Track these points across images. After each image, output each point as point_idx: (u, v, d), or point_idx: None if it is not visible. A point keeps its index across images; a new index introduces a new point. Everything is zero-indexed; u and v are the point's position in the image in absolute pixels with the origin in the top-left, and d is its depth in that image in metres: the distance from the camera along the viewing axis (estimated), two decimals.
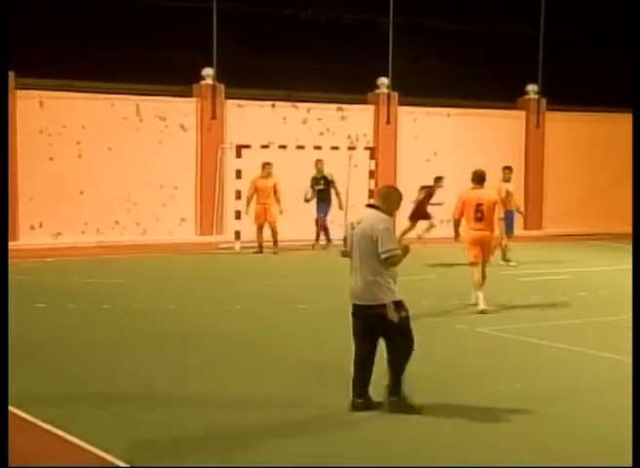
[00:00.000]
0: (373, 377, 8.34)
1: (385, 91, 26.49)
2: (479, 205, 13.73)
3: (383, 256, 8.11)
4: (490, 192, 14.30)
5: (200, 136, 24.25)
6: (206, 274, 17.93)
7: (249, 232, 21.81)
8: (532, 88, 29.09)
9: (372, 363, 8.35)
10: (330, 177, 22.06)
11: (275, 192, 21.04)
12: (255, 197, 21.13)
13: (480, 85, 27.58)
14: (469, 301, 13.90)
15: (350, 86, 25.78)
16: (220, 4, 24.60)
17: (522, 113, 28.99)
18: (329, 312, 12.89)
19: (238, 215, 21.90)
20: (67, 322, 12.46)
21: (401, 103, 26.73)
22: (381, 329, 8.25)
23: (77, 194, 22.61)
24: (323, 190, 21.98)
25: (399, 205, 8.70)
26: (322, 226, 22.08)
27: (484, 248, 13.84)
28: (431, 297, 14.70)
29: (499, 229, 14.19)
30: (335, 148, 23.66)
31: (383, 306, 8.18)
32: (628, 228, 29.37)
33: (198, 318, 12.88)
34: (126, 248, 21.40)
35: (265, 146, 22.80)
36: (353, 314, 8.43)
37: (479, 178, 13.96)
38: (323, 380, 9.34)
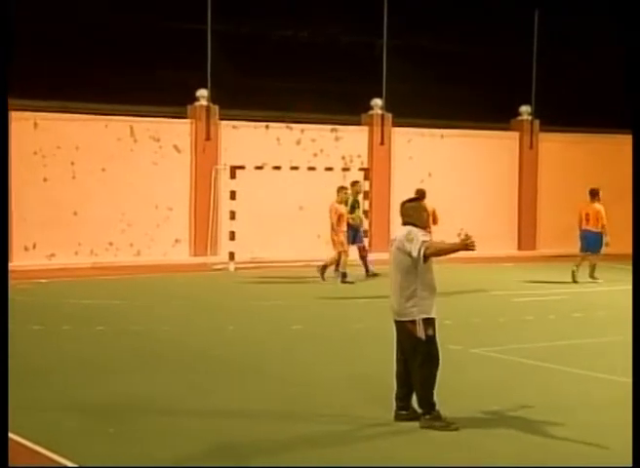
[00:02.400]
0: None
1: (379, 112, 26.55)
2: None
3: (414, 255, 8.30)
4: None
5: (194, 157, 24.27)
6: (200, 295, 17.90)
7: (243, 253, 21.85)
8: (525, 109, 29.17)
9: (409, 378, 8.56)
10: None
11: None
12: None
13: (474, 106, 27.71)
14: None
15: (344, 107, 25.87)
16: (215, 26, 24.67)
17: (516, 134, 29.07)
18: (321, 334, 12.91)
19: (232, 236, 21.91)
20: (62, 343, 12.44)
21: (395, 124, 26.79)
22: (409, 345, 8.45)
23: (71, 215, 22.59)
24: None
25: (428, 215, 9.07)
26: (364, 255, 20.73)
27: None
28: None
29: None
30: (329, 169, 23.71)
31: (413, 322, 8.38)
32: (625, 249, 29.50)
33: (190, 338, 12.87)
34: (120, 269, 21.38)
35: (260, 167, 22.84)
36: (396, 330, 8.65)
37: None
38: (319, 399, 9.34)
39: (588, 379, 10.70)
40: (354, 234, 20.47)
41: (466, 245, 8.69)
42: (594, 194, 21.50)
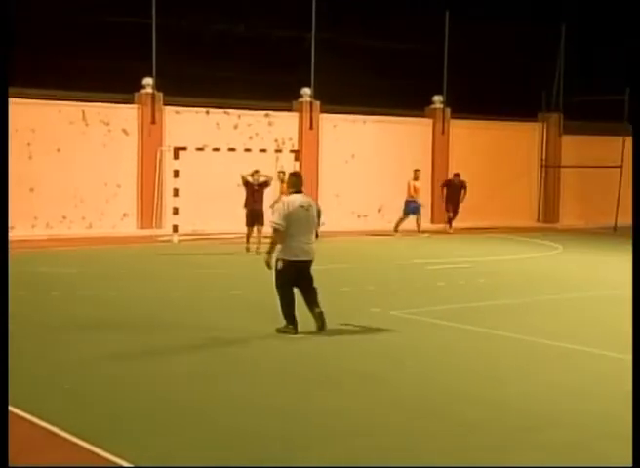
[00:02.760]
0: None
1: (308, 99, 26.48)
2: None
3: (323, 221, 11.04)
4: None
5: (141, 140, 23.99)
6: (146, 264, 17.73)
7: (185, 226, 21.71)
8: (438, 99, 29.36)
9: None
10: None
11: None
12: None
13: (393, 95, 27.76)
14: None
15: (277, 95, 25.74)
16: (159, 20, 24.35)
17: (429, 121, 29.23)
18: (256, 299, 12.88)
19: (176, 211, 21.70)
20: (19, 308, 12.21)
21: (322, 111, 26.77)
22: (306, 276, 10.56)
23: (28, 191, 22.19)
24: None
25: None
26: None
27: None
28: (349, 284, 14.78)
29: None
30: (263, 151, 23.59)
31: (311, 261, 10.58)
32: (525, 222, 29.97)
33: (137, 303, 12.75)
34: (73, 240, 21.08)
35: (200, 149, 22.61)
36: (296, 268, 10.45)
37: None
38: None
39: (489, 336, 10.83)
40: None
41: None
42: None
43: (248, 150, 23.41)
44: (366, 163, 27.22)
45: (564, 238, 25.14)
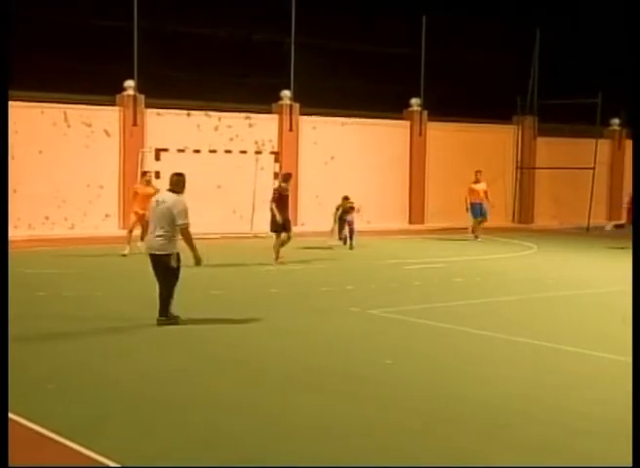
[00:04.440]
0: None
1: (288, 102, 26.52)
2: None
3: (179, 222, 10.87)
4: None
5: (122, 141, 23.96)
6: (128, 264, 17.69)
7: None
8: (415, 101, 29.47)
9: None
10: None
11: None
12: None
13: (371, 98, 27.86)
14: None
15: (257, 97, 25.77)
16: (142, 22, 24.34)
17: (407, 123, 29.34)
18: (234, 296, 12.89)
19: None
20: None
21: (302, 113, 26.81)
22: (163, 270, 10.77)
23: (11, 192, 21.99)
24: None
25: (184, 185, 11.40)
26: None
27: None
28: (328, 284, 14.84)
29: None
30: (243, 152, 23.66)
31: (169, 255, 10.72)
32: (501, 223, 30.05)
33: (117, 303, 12.75)
34: (56, 241, 21.02)
35: (182, 150, 22.64)
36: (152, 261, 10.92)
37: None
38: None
39: (466, 334, 10.92)
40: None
41: (198, 260, 10.97)
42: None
43: (228, 152, 23.44)
44: (345, 164, 27.30)
45: (538, 238, 25.32)
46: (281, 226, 17.31)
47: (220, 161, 23.30)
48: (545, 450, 6.49)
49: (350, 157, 27.52)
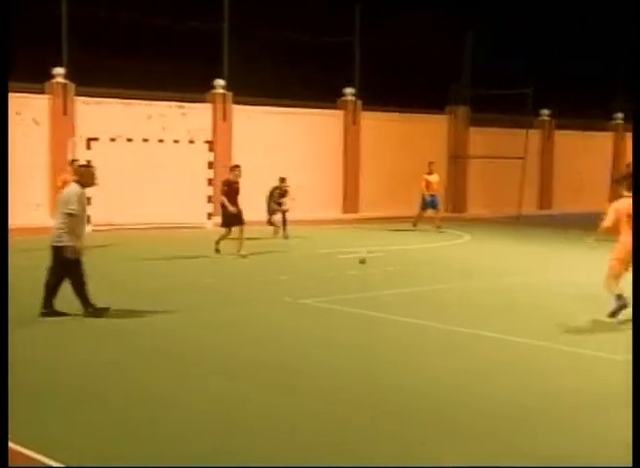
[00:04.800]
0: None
1: (221, 91, 26.32)
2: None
3: (66, 212, 10.61)
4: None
5: (52, 130, 23.52)
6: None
7: (98, 216, 21.38)
8: (349, 91, 29.57)
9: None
10: None
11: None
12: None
13: (306, 87, 27.86)
14: None
15: (191, 86, 25.52)
16: (72, 9, 23.89)
17: (341, 112, 29.41)
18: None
19: (89, 201, 21.19)
20: None
21: (236, 102, 26.65)
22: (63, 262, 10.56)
23: None
24: None
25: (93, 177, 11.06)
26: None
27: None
28: (262, 275, 14.77)
29: None
30: (176, 141, 23.40)
31: (65, 247, 10.51)
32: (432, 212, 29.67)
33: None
34: None
35: (113, 139, 22.29)
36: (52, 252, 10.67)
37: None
38: None
39: (399, 324, 10.95)
40: None
41: (75, 251, 10.60)
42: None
43: (161, 141, 23.17)
44: (279, 153, 27.22)
45: (471, 227, 25.59)
46: (235, 219, 16.98)
47: (152, 150, 22.99)
48: (492, 442, 6.52)
49: (284, 146, 27.47)
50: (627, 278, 10.70)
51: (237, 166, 17.93)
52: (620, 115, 36.82)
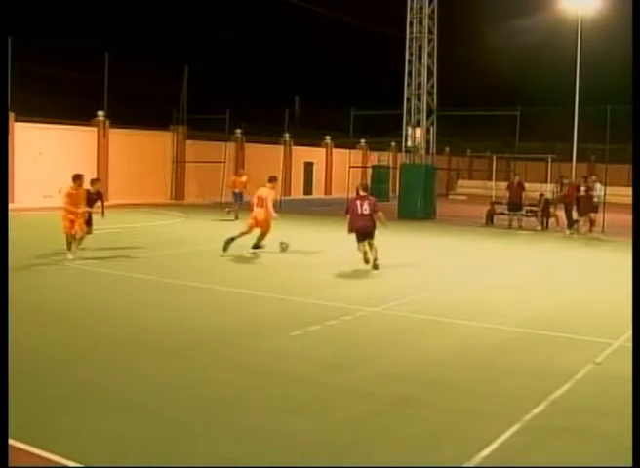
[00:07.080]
0: None
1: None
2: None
3: None
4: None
5: None
6: None
7: None
8: (101, 113, 30.74)
9: None
10: None
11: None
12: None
13: (70, 109, 29.29)
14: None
15: None
16: None
17: (95, 128, 30.53)
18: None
19: None
20: None
21: (17, 120, 26.65)
22: None
23: None
24: None
25: None
26: None
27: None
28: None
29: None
30: None
31: None
32: (162, 200, 30.99)
33: None
34: None
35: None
36: None
37: None
38: None
39: (131, 279, 11.44)
40: None
41: None
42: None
43: None
44: (50, 158, 28.14)
45: (188, 210, 26.91)
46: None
47: None
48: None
49: (53, 154, 28.35)
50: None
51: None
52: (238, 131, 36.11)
